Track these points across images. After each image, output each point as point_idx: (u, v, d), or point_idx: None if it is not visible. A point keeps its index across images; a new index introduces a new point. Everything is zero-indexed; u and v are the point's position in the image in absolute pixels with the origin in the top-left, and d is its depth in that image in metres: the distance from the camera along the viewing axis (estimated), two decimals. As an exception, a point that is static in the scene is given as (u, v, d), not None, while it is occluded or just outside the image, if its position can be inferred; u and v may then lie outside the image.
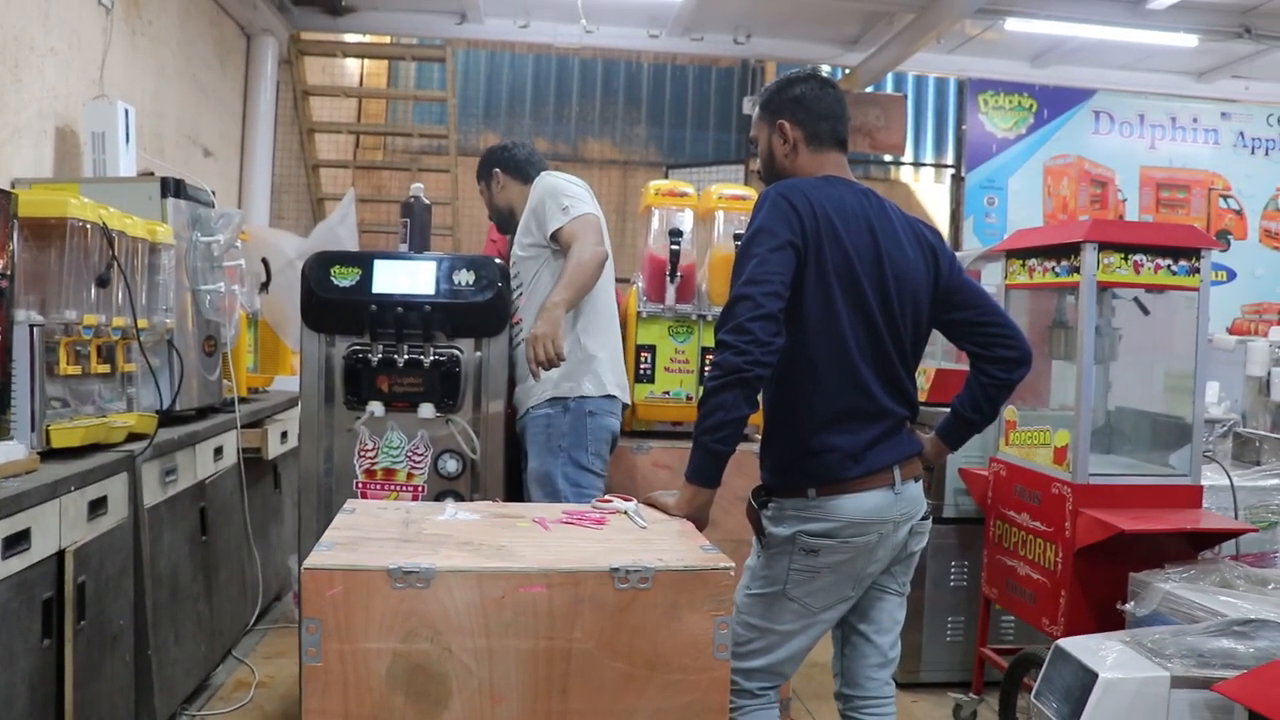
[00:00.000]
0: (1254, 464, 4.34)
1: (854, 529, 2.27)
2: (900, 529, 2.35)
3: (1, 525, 2.30)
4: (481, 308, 3.15)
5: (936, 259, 2.43)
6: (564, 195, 3.23)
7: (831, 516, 2.27)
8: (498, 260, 3.24)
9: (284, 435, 4.37)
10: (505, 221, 3.61)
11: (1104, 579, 3.23)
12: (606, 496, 2.41)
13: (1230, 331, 8.22)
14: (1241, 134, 8.72)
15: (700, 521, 2.28)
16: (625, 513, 2.26)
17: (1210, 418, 4.88)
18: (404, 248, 3.43)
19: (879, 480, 2.30)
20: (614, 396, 3.30)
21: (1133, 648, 2.45)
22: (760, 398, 2.26)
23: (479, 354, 3.18)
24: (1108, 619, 3.10)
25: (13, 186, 3.51)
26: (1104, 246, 3.32)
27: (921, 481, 2.45)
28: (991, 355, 2.47)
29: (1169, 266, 3.37)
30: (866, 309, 2.28)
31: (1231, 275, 8.70)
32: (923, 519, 2.43)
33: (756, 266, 2.20)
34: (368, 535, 2.02)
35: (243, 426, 3.95)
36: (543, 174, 3.44)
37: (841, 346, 2.27)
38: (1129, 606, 2.99)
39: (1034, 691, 2.58)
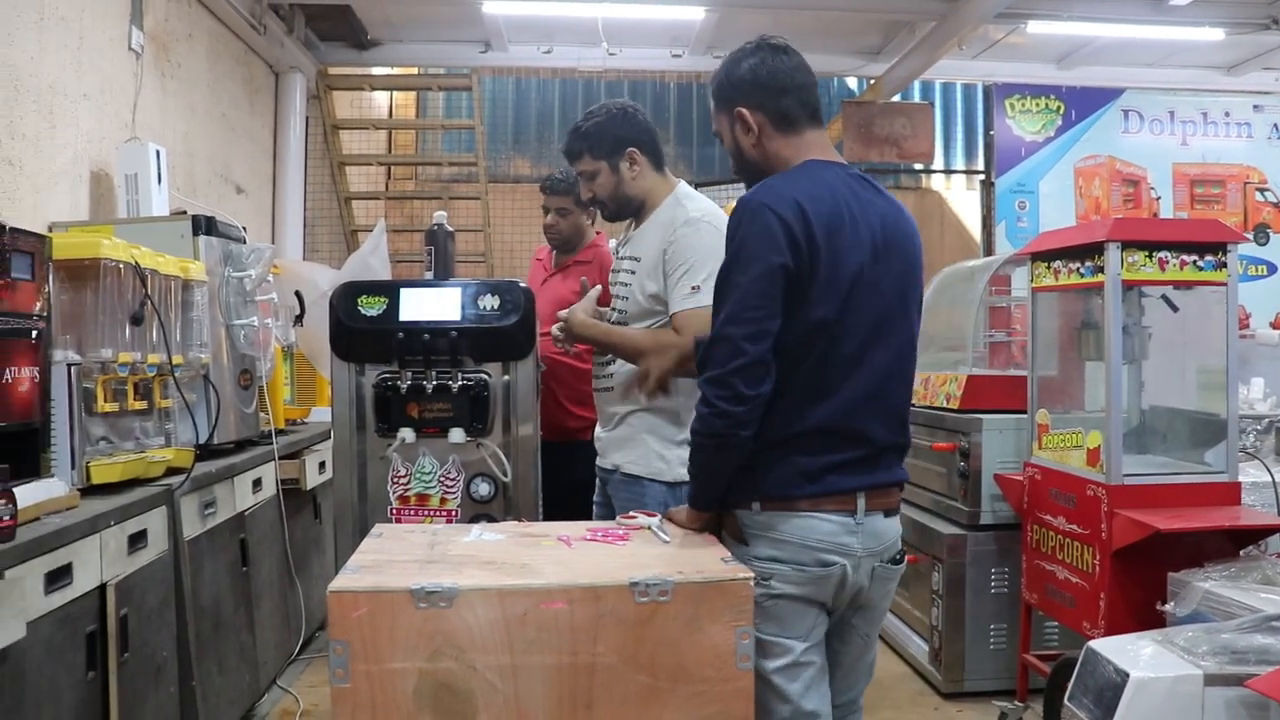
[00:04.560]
0: (1298, 459, 4.27)
1: (808, 554, 2.06)
2: (860, 568, 2.10)
3: (43, 561, 2.35)
4: (507, 332, 3.18)
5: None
6: (703, 268, 2.62)
7: (777, 537, 2.07)
8: (521, 284, 3.27)
9: (322, 465, 4.42)
10: (624, 211, 2.96)
11: (1143, 580, 3.20)
12: (631, 513, 2.42)
13: (1273, 326, 8.10)
14: (1276, 126, 8.59)
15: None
16: (649, 528, 2.28)
17: (1256, 414, 4.81)
18: (429, 275, 3.47)
19: (834, 504, 2.07)
20: None
21: (1165, 647, 2.43)
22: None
23: (506, 377, 3.21)
24: (1148, 620, 3.06)
25: (50, 230, 3.60)
26: (1128, 245, 3.30)
27: (897, 518, 2.20)
28: None
29: (1195, 262, 3.34)
30: (869, 317, 2.08)
31: (1272, 269, 8.57)
32: (890, 562, 2.17)
33: (738, 302, 2.01)
34: (393, 558, 2.05)
35: (281, 458, 4.01)
36: (685, 188, 2.91)
37: (829, 361, 2.06)
38: (1169, 607, 2.96)
39: (1067, 694, 2.56)
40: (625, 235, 3.02)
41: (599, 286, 3.02)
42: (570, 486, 3.51)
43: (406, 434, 3.15)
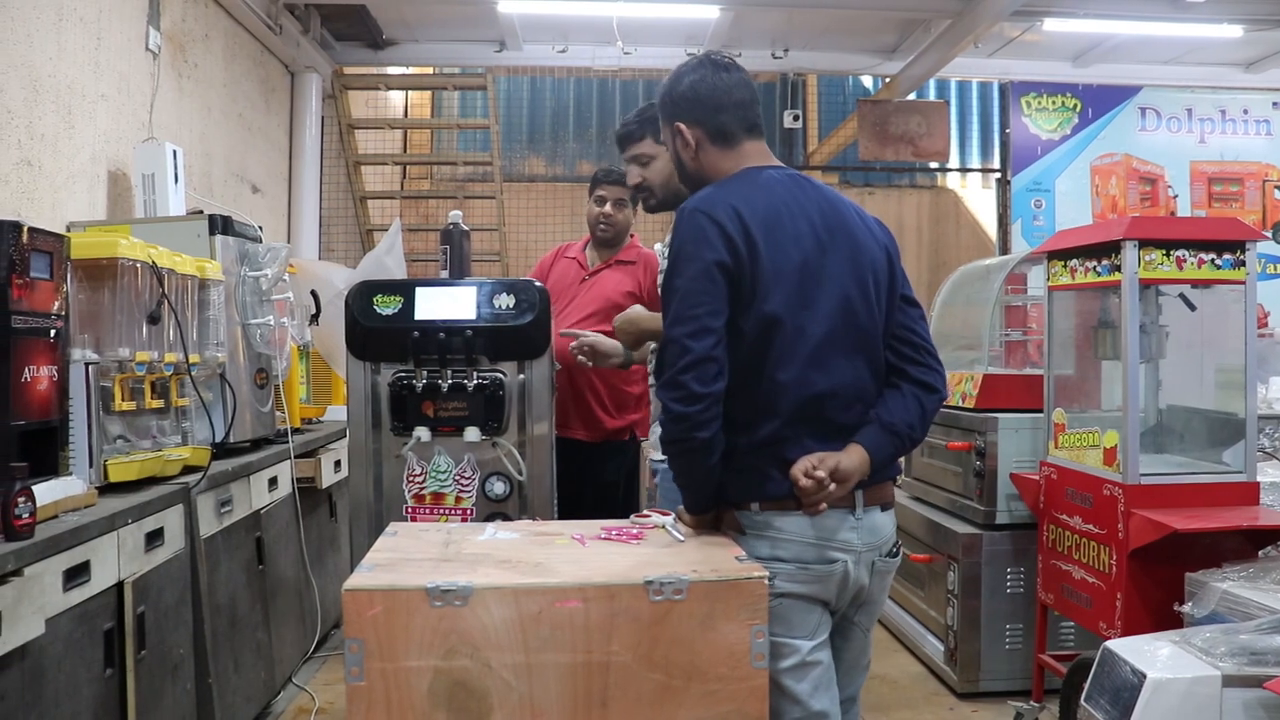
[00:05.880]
0: (1317, 459, 4.25)
1: (811, 551, 2.06)
2: (860, 563, 2.10)
3: (62, 558, 2.36)
4: (523, 330, 3.18)
5: (890, 257, 2.22)
6: None
7: (778, 536, 2.07)
8: (537, 284, 3.27)
9: (337, 464, 4.43)
10: (670, 202, 2.93)
11: (1161, 580, 3.18)
12: (645, 512, 2.42)
13: (1292, 324, 8.04)
14: (1294, 123, 8.55)
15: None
16: (663, 526, 2.28)
17: (1274, 413, 4.79)
18: (445, 274, 3.48)
19: (834, 500, 2.05)
20: None
21: (1182, 647, 2.42)
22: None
23: (522, 376, 3.22)
24: (1165, 621, 3.05)
25: (68, 229, 3.62)
26: (1145, 243, 3.29)
27: (892, 511, 2.22)
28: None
29: (1213, 260, 3.32)
30: (826, 305, 2.07)
31: (1290, 267, 8.53)
32: (888, 555, 2.18)
33: (679, 303, 2.02)
34: (408, 556, 2.05)
35: (296, 456, 4.02)
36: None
37: (795, 351, 2.05)
38: (1186, 607, 2.95)
39: (1084, 695, 2.55)
40: (670, 236, 3.02)
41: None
42: (598, 487, 3.52)
43: (422, 433, 3.16)
